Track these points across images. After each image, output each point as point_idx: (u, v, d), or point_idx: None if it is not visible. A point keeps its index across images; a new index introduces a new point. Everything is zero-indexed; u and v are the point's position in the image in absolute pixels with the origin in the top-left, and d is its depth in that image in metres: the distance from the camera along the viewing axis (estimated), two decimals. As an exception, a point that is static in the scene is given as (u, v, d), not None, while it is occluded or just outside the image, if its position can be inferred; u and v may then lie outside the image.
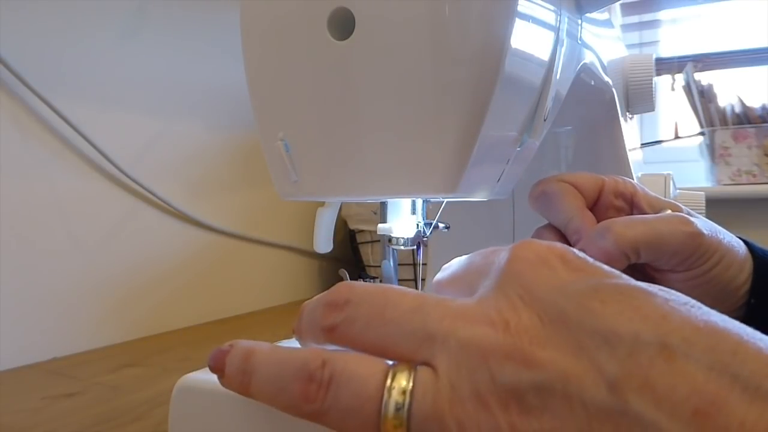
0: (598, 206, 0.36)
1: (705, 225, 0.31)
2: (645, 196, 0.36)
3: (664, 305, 0.18)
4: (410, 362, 0.20)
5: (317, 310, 0.22)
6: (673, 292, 0.19)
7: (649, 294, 0.18)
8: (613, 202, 0.36)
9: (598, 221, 0.34)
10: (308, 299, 0.24)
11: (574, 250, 0.21)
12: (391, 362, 0.20)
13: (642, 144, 1.04)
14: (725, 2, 1.20)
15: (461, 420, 0.18)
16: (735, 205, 1.00)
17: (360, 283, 0.22)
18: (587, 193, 0.35)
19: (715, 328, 0.17)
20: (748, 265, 0.32)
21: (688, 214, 0.34)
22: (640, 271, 0.34)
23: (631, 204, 0.36)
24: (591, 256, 0.30)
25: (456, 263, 0.25)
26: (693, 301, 0.18)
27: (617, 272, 0.20)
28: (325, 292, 0.23)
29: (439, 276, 0.25)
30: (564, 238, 0.35)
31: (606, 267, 0.20)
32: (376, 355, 0.20)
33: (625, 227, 0.31)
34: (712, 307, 0.33)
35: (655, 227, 0.31)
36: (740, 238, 0.34)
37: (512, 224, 0.54)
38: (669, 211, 0.34)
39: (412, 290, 0.21)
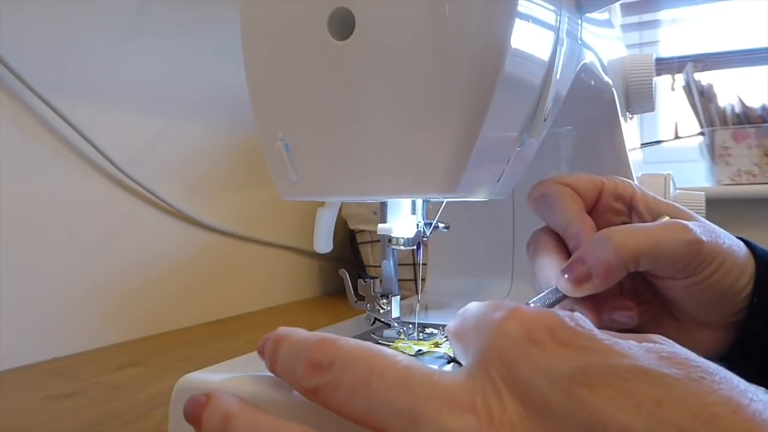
0: (596, 209, 0.35)
1: (705, 231, 0.31)
2: (644, 198, 0.35)
3: (659, 385, 0.17)
4: None
5: (299, 362, 0.22)
6: (673, 351, 0.18)
7: (644, 372, 0.17)
8: (612, 204, 0.35)
9: (597, 224, 0.34)
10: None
11: (565, 315, 0.20)
12: None
13: (642, 144, 1.03)
14: (725, 2, 1.20)
15: None
16: (735, 205, 1.00)
17: (345, 340, 0.22)
18: (586, 196, 0.35)
19: (713, 414, 0.16)
20: (750, 268, 0.32)
21: (689, 215, 0.34)
22: (640, 277, 0.33)
23: (630, 206, 0.35)
24: (591, 265, 0.30)
25: (468, 311, 0.24)
26: (693, 365, 0.17)
27: (610, 341, 0.19)
28: (309, 340, 0.22)
29: (450, 324, 0.25)
30: (562, 242, 0.35)
31: (598, 334, 0.19)
32: (359, 424, 0.20)
33: (625, 237, 0.30)
34: (712, 311, 0.33)
35: (655, 236, 0.30)
36: (741, 239, 0.34)
37: (512, 224, 0.54)
38: (667, 218, 0.33)
39: (398, 356, 0.21)
